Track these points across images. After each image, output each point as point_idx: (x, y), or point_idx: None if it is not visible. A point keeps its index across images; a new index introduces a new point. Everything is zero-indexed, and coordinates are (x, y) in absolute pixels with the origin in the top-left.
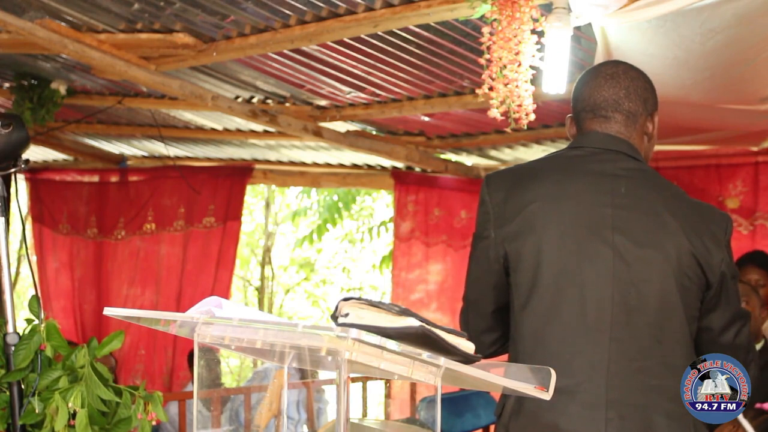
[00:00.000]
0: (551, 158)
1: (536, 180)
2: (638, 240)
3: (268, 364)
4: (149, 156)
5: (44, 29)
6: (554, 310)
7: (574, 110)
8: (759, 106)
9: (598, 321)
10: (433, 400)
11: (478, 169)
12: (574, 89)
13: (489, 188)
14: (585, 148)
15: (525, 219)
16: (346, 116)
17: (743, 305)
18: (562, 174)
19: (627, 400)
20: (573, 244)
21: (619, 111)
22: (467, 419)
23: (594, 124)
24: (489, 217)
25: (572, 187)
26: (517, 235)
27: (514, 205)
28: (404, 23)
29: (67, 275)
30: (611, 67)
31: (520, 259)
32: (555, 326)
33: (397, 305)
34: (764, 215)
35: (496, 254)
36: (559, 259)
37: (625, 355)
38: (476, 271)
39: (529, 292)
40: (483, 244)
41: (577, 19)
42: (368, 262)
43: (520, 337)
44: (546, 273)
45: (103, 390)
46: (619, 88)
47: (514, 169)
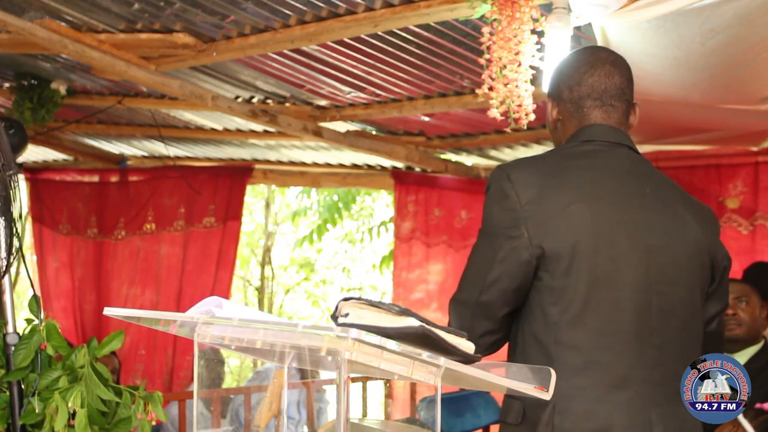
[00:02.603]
0: (568, 154)
1: (566, 178)
2: (668, 243)
3: (268, 364)
4: (149, 156)
5: (44, 29)
6: (595, 316)
7: (570, 95)
8: (759, 106)
9: (637, 327)
10: (433, 400)
11: (478, 169)
12: (566, 73)
13: (514, 184)
14: (596, 142)
15: (565, 221)
16: (346, 116)
17: (743, 305)
18: (592, 172)
19: (666, 404)
20: (613, 248)
21: (622, 100)
22: (467, 419)
23: (599, 113)
24: (518, 215)
25: (605, 187)
26: (557, 237)
27: (550, 205)
28: (404, 23)
29: (67, 275)
30: (607, 53)
31: (559, 262)
32: (595, 332)
33: (397, 305)
34: (764, 215)
35: (530, 255)
36: (601, 263)
37: (662, 360)
38: (499, 272)
39: (569, 297)
40: (511, 245)
41: (577, 19)
42: (368, 262)
43: (556, 343)
44: (587, 278)
45: (103, 390)
46: (624, 77)
47: (532, 164)
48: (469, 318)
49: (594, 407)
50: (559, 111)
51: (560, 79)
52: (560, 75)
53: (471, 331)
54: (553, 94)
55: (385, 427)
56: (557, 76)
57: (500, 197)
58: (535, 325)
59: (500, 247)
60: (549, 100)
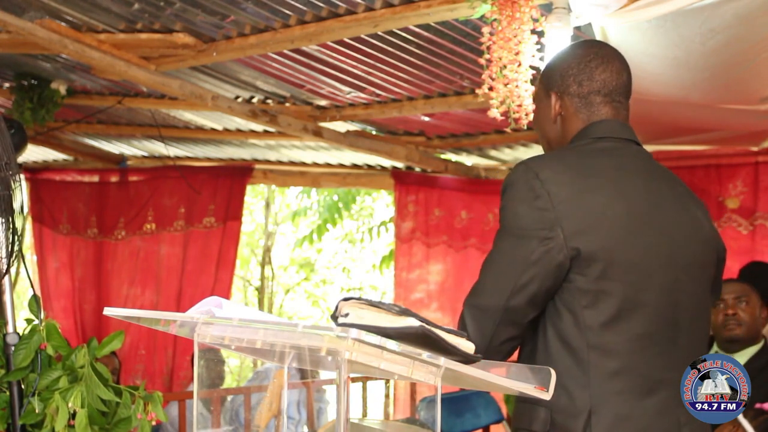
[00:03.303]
0: (589, 151)
1: (599, 177)
2: (688, 242)
3: (268, 364)
4: (149, 156)
5: (44, 29)
6: (630, 319)
7: (578, 90)
8: (759, 106)
9: (666, 330)
10: (433, 400)
11: (478, 169)
12: (573, 67)
13: (545, 183)
14: (610, 139)
15: (601, 221)
16: (346, 116)
17: (743, 305)
18: (621, 172)
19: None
20: (643, 248)
21: (627, 98)
22: (467, 419)
23: (608, 109)
24: (552, 215)
25: (634, 187)
26: (595, 238)
27: (587, 206)
28: (404, 23)
29: (67, 275)
30: (613, 49)
31: (596, 264)
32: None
33: (397, 305)
34: (764, 215)
35: (564, 258)
36: (636, 266)
37: (687, 360)
38: (531, 275)
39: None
40: (545, 247)
41: (577, 19)
42: (368, 262)
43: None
44: (624, 280)
45: (103, 390)
46: (628, 74)
47: (562, 161)
48: (492, 325)
49: (629, 412)
50: (563, 105)
51: (567, 72)
52: (567, 68)
53: (493, 338)
54: (556, 87)
55: (385, 427)
56: (563, 68)
57: (529, 196)
58: (563, 328)
59: (532, 249)
60: (550, 93)
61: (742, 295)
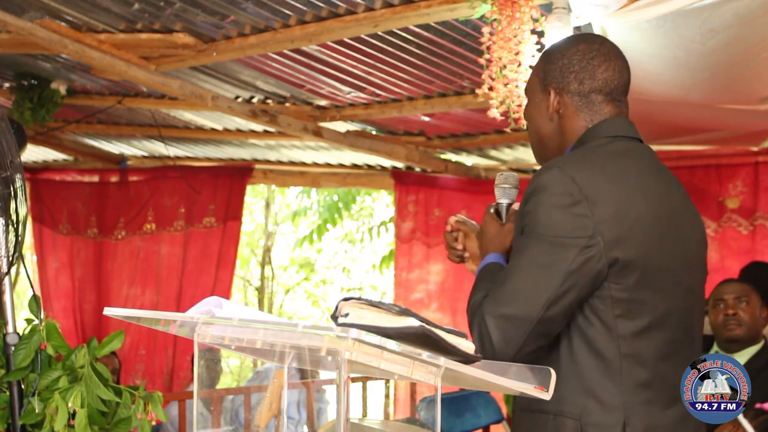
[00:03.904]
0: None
1: (626, 179)
2: (698, 246)
3: (268, 364)
4: (149, 156)
5: (44, 29)
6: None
7: (579, 88)
8: (759, 106)
9: (688, 335)
10: (433, 400)
11: (478, 169)
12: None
13: (582, 188)
14: (623, 138)
15: (637, 229)
16: (346, 116)
17: (743, 305)
18: (646, 176)
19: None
20: (671, 255)
21: (626, 95)
22: (467, 419)
23: (609, 108)
24: (592, 222)
25: (659, 193)
26: (631, 245)
27: (626, 213)
28: (404, 23)
29: (67, 275)
30: (612, 45)
31: (630, 272)
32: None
33: (397, 305)
34: (764, 215)
35: (603, 266)
36: (667, 272)
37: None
38: (570, 284)
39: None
40: (586, 255)
41: (577, 19)
42: (368, 262)
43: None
44: (658, 287)
45: (103, 390)
46: (629, 72)
47: (593, 164)
48: (522, 335)
49: (658, 422)
50: (562, 102)
51: (568, 69)
52: (568, 64)
53: (521, 349)
54: (555, 82)
55: (385, 427)
56: (563, 64)
57: (567, 201)
58: (593, 336)
59: (571, 257)
60: (548, 88)
61: (743, 295)
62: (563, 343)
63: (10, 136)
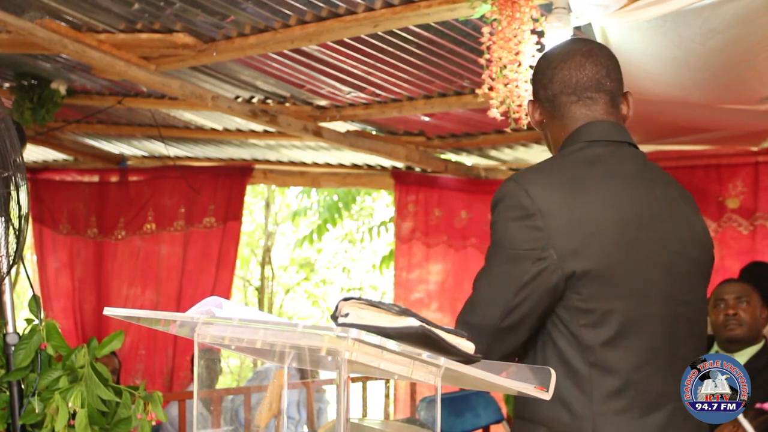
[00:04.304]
0: (579, 158)
1: (589, 191)
2: (684, 249)
3: (268, 364)
4: (149, 156)
5: (44, 29)
6: (631, 336)
7: (543, 94)
8: (759, 106)
9: (668, 344)
10: (433, 400)
11: (478, 169)
12: (541, 70)
13: (534, 199)
14: (601, 143)
15: (594, 239)
16: (346, 116)
17: (744, 305)
18: (611, 181)
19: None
20: (639, 261)
21: (603, 91)
22: (467, 419)
23: (579, 108)
24: (543, 234)
25: (626, 198)
26: (588, 256)
27: (579, 223)
28: (404, 23)
29: (67, 275)
30: (583, 43)
31: (592, 282)
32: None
33: (397, 305)
34: (764, 215)
35: (558, 278)
36: (635, 282)
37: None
38: (524, 296)
39: (605, 318)
40: (538, 268)
41: (577, 19)
42: (368, 262)
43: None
44: (623, 296)
45: (103, 390)
46: (600, 66)
47: (552, 175)
48: (484, 343)
49: (633, 430)
50: (541, 111)
51: (536, 78)
52: (535, 74)
53: (488, 355)
54: (533, 95)
55: (385, 427)
56: (534, 76)
57: (520, 214)
58: (562, 347)
59: (525, 270)
60: (531, 102)
61: (743, 295)
62: (538, 352)
63: (13, 135)
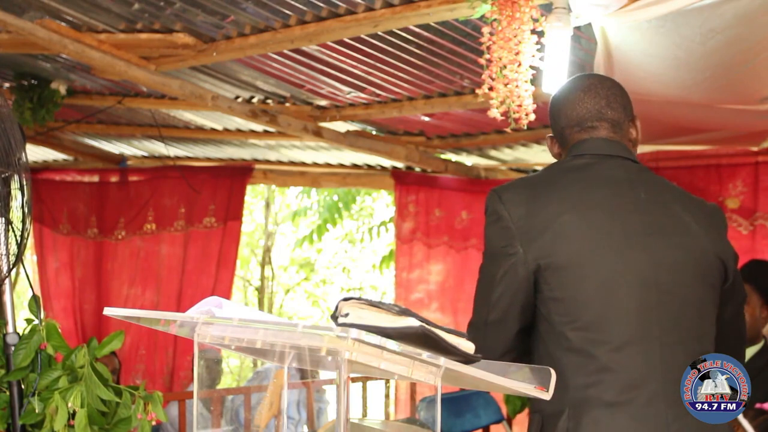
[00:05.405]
0: (559, 169)
1: (556, 191)
2: (669, 245)
3: (268, 364)
4: (149, 156)
5: (44, 29)
6: (602, 322)
7: (555, 130)
8: (759, 106)
9: (646, 329)
10: (433, 400)
11: (478, 169)
12: (552, 109)
13: (504, 203)
14: (586, 156)
15: (557, 232)
16: (346, 116)
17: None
18: (581, 183)
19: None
20: (611, 253)
21: (604, 119)
22: (467, 419)
23: (581, 135)
24: (511, 233)
25: (596, 196)
26: (551, 249)
27: (540, 219)
28: (404, 23)
29: (67, 275)
30: (585, 79)
31: (557, 273)
32: (604, 337)
33: (397, 305)
34: (764, 215)
35: (527, 271)
36: (600, 270)
37: (675, 360)
38: (501, 290)
39: (572, 306)
40: (509, 262)
41: (577, 19)
42: (368, 262)
43: (565, 352)
44: (588, 285)
45: (103, 390)
46: (599, 98)
47: (524, 183)
48: (482, 338)
49: (608, 414)
50: (557, 146)
51: (549, 117)
52: (548, 114)
53: (490, 352)
54: (551, 131)
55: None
56: (549, 112)
57: (495, 218)
58: (544, 336)
59: (499, 266)
60: (548, 138)
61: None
62: (533, 347)
63: (17, 134)
